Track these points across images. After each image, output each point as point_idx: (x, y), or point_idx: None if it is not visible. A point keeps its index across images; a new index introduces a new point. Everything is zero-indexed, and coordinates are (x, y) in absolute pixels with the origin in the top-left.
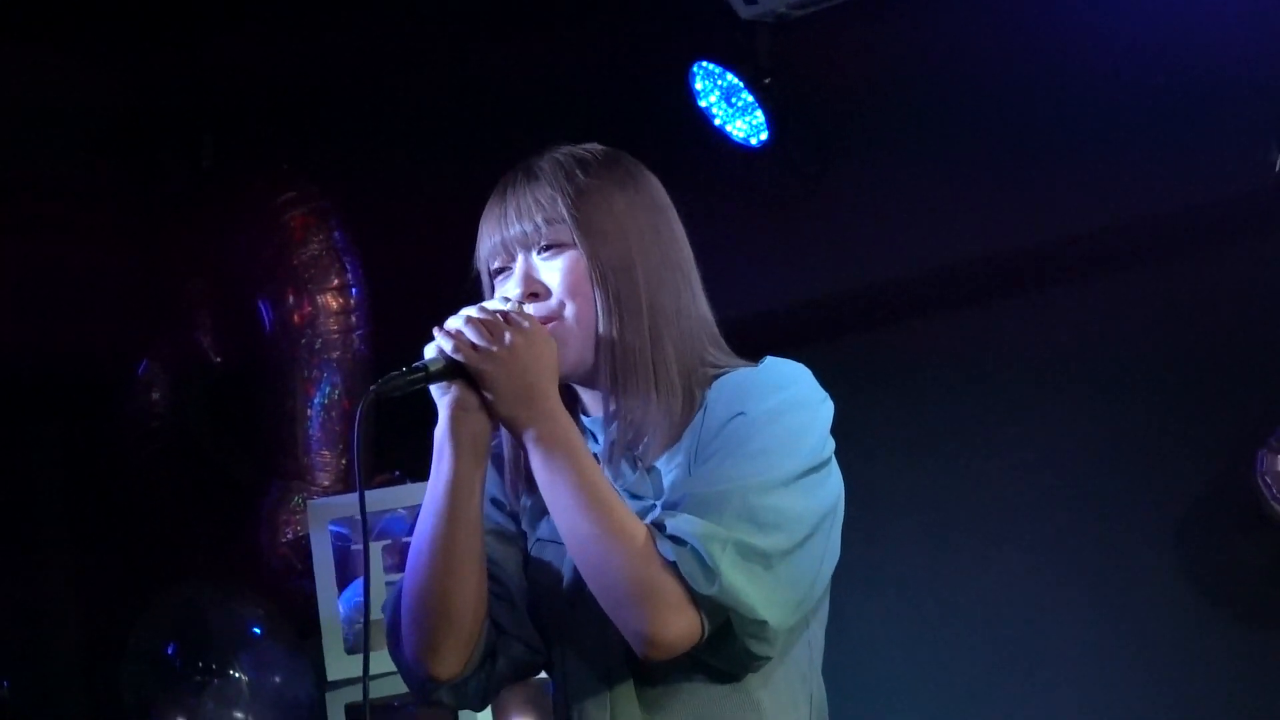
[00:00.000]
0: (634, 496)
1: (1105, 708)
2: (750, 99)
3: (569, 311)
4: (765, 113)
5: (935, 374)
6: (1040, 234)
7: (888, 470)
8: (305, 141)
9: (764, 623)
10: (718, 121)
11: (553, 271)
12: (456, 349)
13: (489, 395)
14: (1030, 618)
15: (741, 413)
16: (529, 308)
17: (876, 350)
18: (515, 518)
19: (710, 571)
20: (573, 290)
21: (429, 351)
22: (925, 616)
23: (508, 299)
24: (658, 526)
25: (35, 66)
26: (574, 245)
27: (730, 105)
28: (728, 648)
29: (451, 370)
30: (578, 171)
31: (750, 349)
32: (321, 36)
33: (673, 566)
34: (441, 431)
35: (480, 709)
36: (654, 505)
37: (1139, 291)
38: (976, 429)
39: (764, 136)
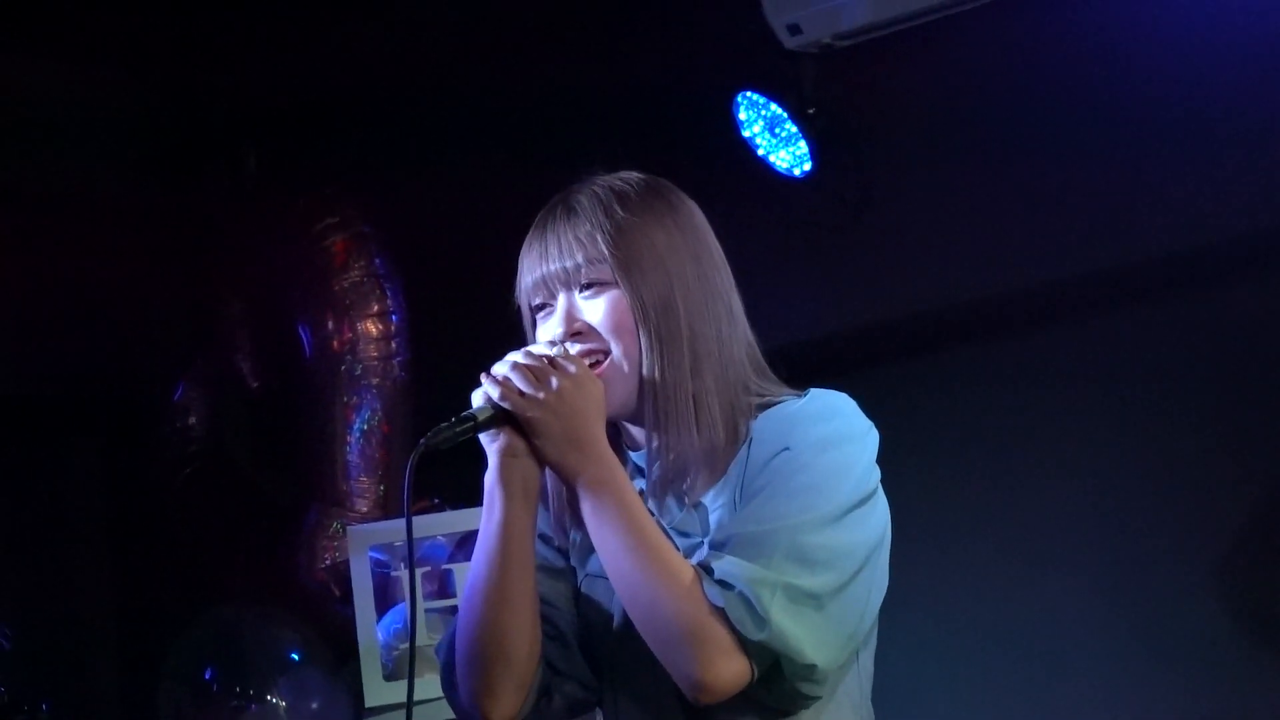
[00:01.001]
0: (681, 534)
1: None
2: (794, 130)
3: (615, 352)
4: (809, 144)
5: (978, 403)
6: (1081, 264)
7: (930, 498)
8: (349, 167)
9: (813, 666)
10: (761, 152)
11: (595, 311)
12: (504, 397)
13: (537, 441)
14: (1071, 646)
15: (787, 448)
16: (573, 348)
17: (918, 379)
18: (564, 553)
19: (759, 617)
20: (617, 330)
21: (476, 399)
22: (968, 643)
23: (553, 343)
24: (705, 569)
25: (78, 84)
26: (615, 284)
27: (774, 136)
28: (778, 688)
29: (499, 418)
30: (617, 207)
31: (794, 378)
32: (367, 61)
33: (721, 611)
34: (491, 477)
35: None
36: (701, 543)
37: (1180, 319)
38: (1018, 457)
39: (807, 167)
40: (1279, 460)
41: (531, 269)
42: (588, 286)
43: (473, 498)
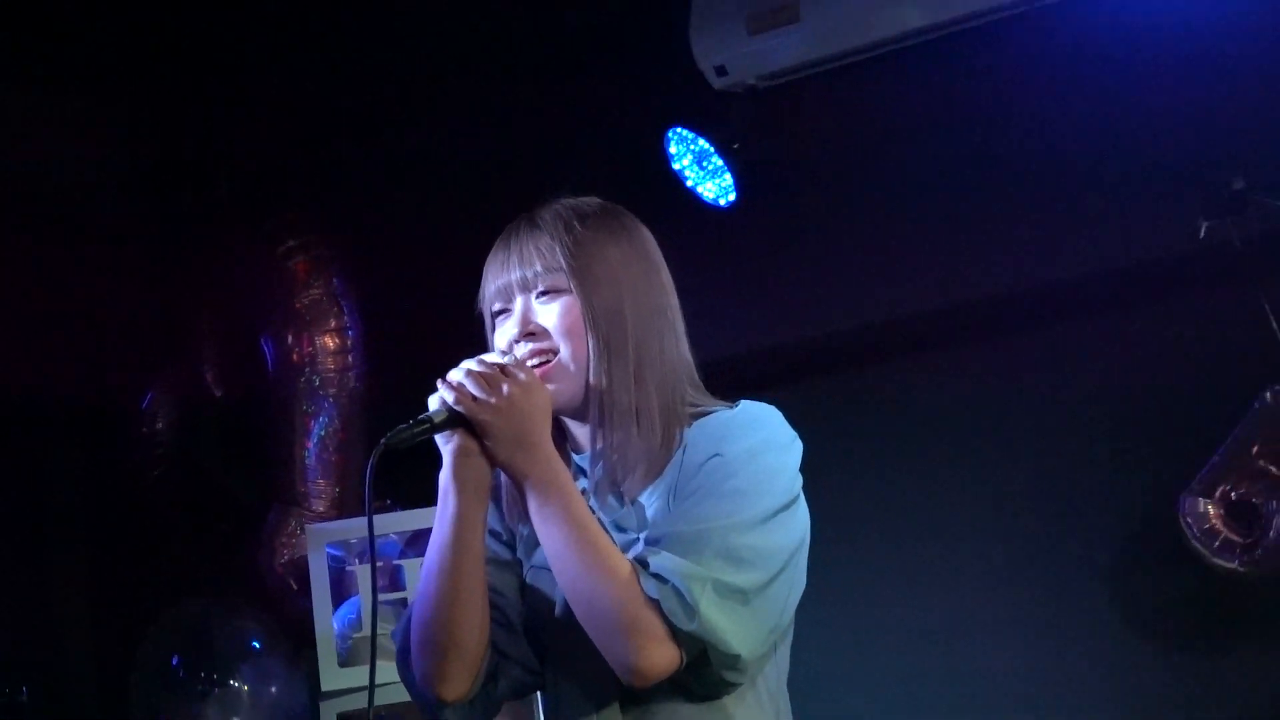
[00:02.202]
0: (619, 529)
1: (1046, 712)
2: (720, 163)
3: (564, 352)
4: (733, 176)
5: (890, 416)
6: (983, 291)
7: (848, 504)
8: (311, 196)
9: (738, 656)
10: (690, 183)
11: (549, 314)
12: (458, 401)
13: (489, 442)
14: (976, 640)
15: (718, 454)
16: (524, 347)
17: (836, 392)
18: (512, 546)
19: (690, 609)
20: (567, 332)
21: (433, 403)
22: (881, 637)
23: (504, 351)
24: (641, 563)
25: (64, 115)
26: (570, 291)
27: (702, 168)
28: (705, 675)
29: (454, 420)
30: (576, 223)
31: (720, 391)
32: (330, 99)
33: (655, 603)
34: (446, 475)
35: None
36: (637, 538)
37: (1079, 347)
38: (928, 468)
39: (732, 198)
40: (1164, 477)
41: (495, 276)
42: (544, 293)
43: (422, 499)
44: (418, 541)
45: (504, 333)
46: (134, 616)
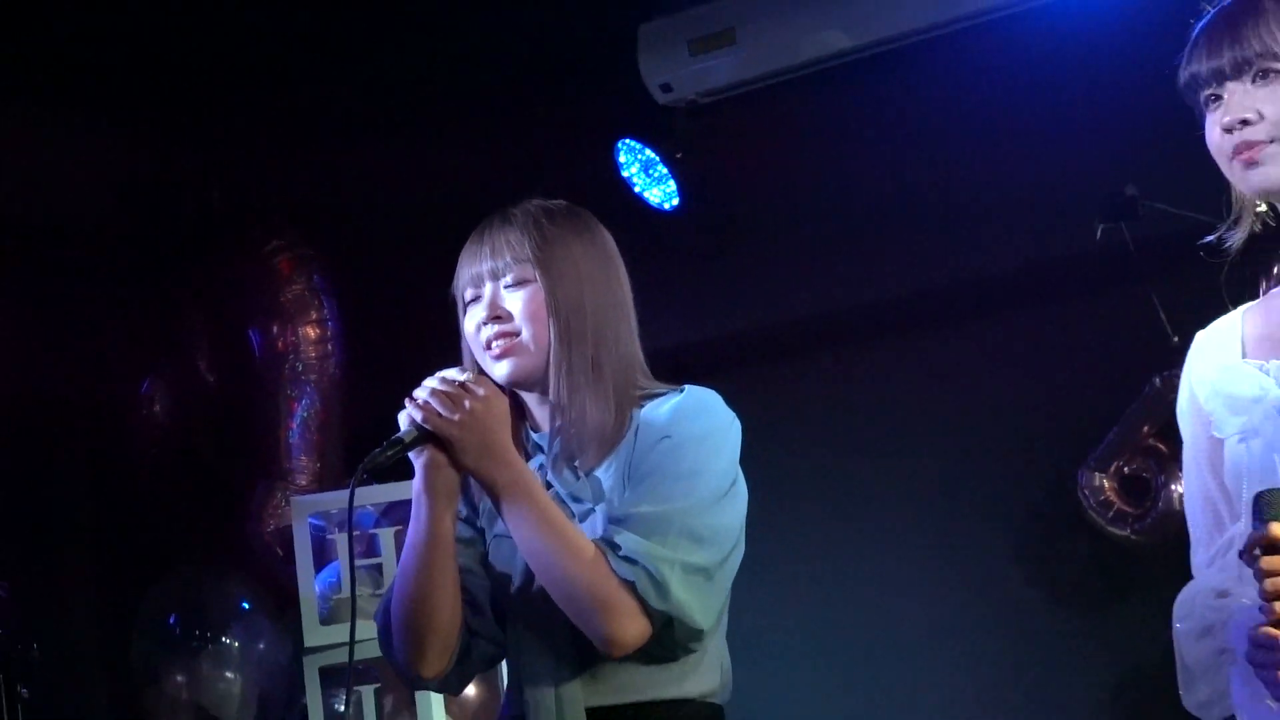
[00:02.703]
0: (575, 499)
1: (958, 669)
2: (664, 171)
3: (525, 334)
4: (676, 183)
5: (817, 401)
6: (902, 289)
7: (780, 482)
8: (293, 200)
9: (702, 629)
10: (637, 189)
11: (515, 301)
12: (426, 419)
13: (456, 453)
14: (894, 601)
15: (668, 435)
16: (490, 329)
17: (768, 379)
18: (474, 521)
19: (662, 588)
20: (531, 318)
21: (402, 421)
22: (812, 597)
23: (464, 369)
24: (610, 545)
25: (67, 132)
26: (535, 281)
27: (648, 176)
28: (669, 642)
29: (423, 437)
30: (544, 220)
31: (664, 376)
32: (311, 117)
33: (629, 584)
34: (418, 485)
35: (459, 693)
36: (592, 508)
37: (991, 338)
38: (851, 449)
39: (675, 202)
40: (1064, 454)
41: (468, 265)
42: (513, 283)
43: (395, 474)
44: (391, 512)
45: (473, 317)
46: (135, 580)
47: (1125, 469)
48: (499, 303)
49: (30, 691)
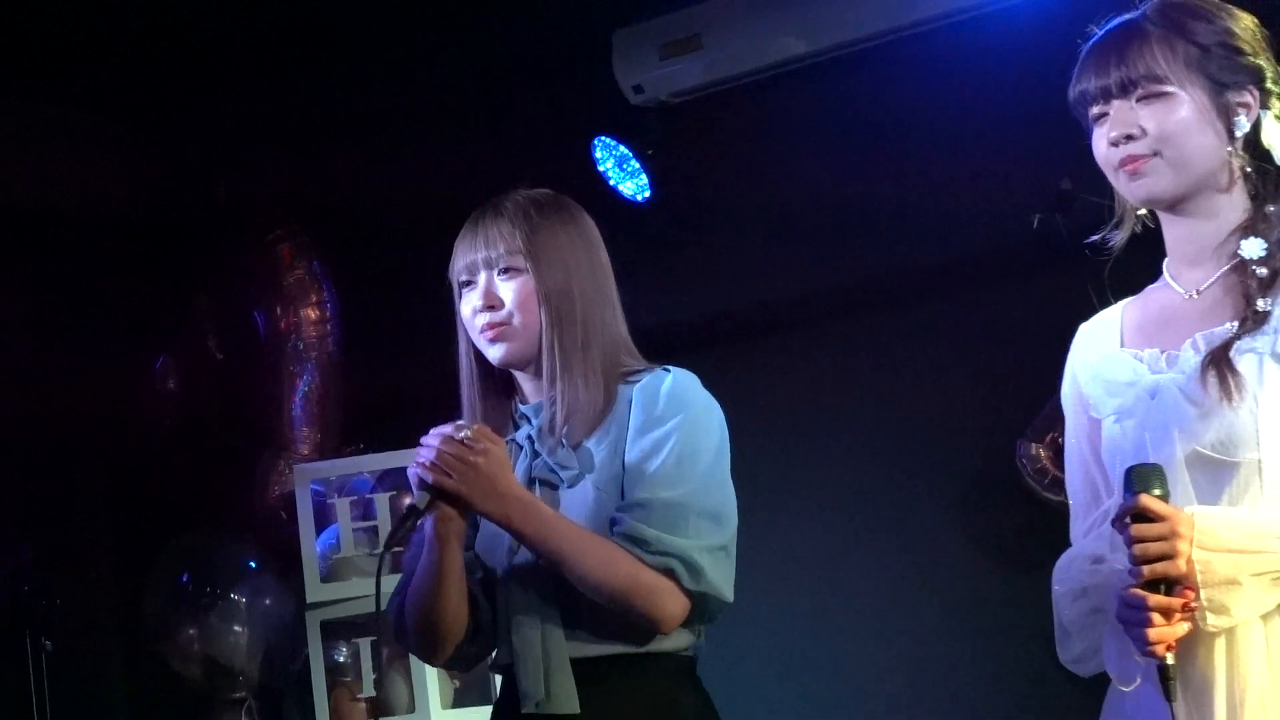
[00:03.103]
0: (562, 467)
1: (903, 626)
2: (637, 166)
3: (517, 320)
4: (648, 177)
5: (776, 377)
6: (857, 274)
7: (737, 455)
8: (293, 193)
9: (730, 601)
10: (612, 182)
11: (508, 290)
12: (437, 483)
13: (469, 503)
14: (846, 561)
15: (666, 421)
16: (484, 317)
17: (730, 357)
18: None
19: (696, 573)
20: (521, 305)
21: (412, 480)
22: (767, 562)
23: (459, 426)
24: (637, 541)
25: (89, 132)
26: (526, 270)
27: (622, 170)
28: (704, 616)
29: (434, 500)
30: (533, 212)
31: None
32: (309, 114)
33: (666, 571)
34: (430, 532)
35: (466, 671)
36: (579, 474)
37: (938, 321)
38: (807, 422)
39: (647, 194)
40: (1005, 426)
41: (463, 254)
42: (505, 271)
43: (390, 443)
44: (385, 479)
45: (468, 301)
46: (149, 541)
47: (1059, 439)
48: (492, 290)
49: (53, 643)
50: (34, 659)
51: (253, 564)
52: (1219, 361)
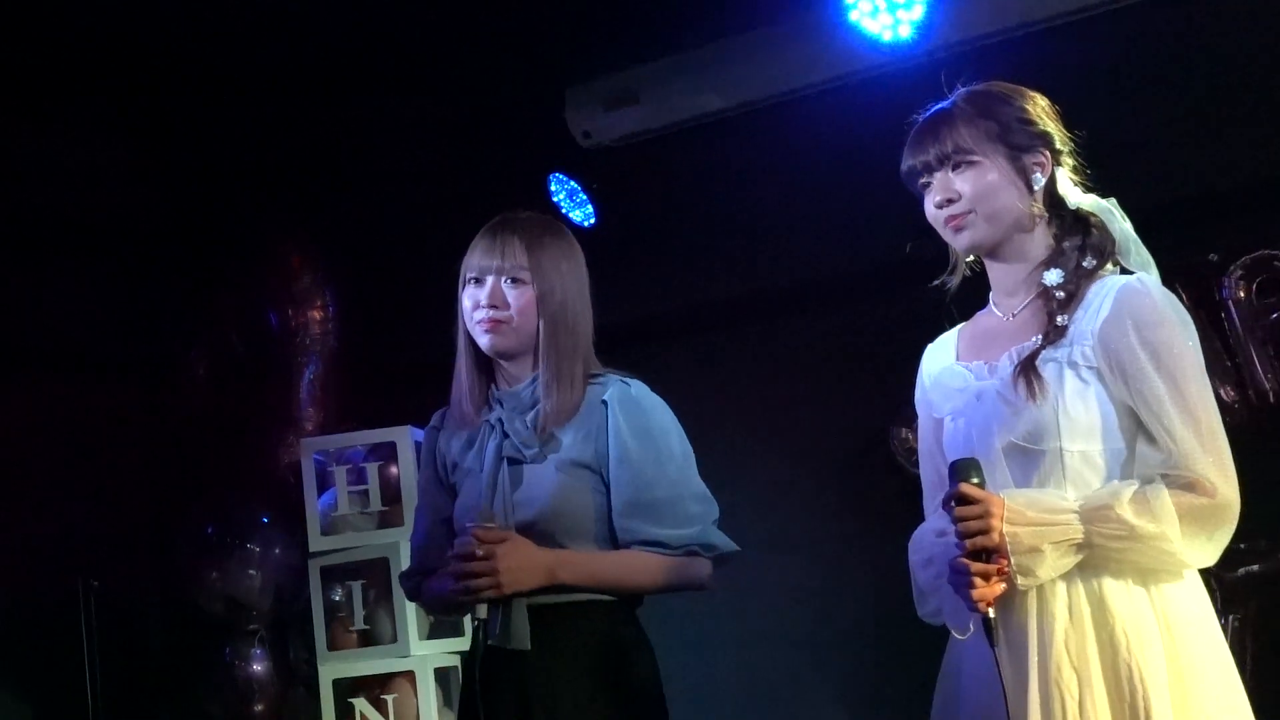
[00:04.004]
0: (526, 446)
1: (797, 581)
2: (584, 197)
3: (516, 321)
4: (593, 206)
5: (696, 375)
6: (762, 290)
7: None
8: (302, 214)
9: (738, 550)
10: (564, 210)
11: (513, 295)
12: (488, 589)
13: (518, 591)
14: (754, 526)
15: (643, 427)
16: (484, 312)
17: (658, 360)
18: (447, 472)
19: (710, 547)
20: (522, 310)
21: (480, 611)
22: None
23: (468, 525)
24: (659, 545)
25: (129, 157)
26: (529, 284)
27: (572, 201)
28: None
29: (494, 603)
30: (543, 235)
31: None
32: (312, 146)
33: (698, 554)
34: None
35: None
36: (541, 454)
37: (828, 327)
38: (727, 411)
39: (592, 221)
40: (881, 414)
41: (480, 258)
42: (513, 280)
43: (377, 423)
44: (377, 450)
45: (472, 294)
46: (181, 499)
47: None
48: (499, 293)
49: (99, 583)
50: (84, 597)
51: (265, 519)
52: (1027, 369)
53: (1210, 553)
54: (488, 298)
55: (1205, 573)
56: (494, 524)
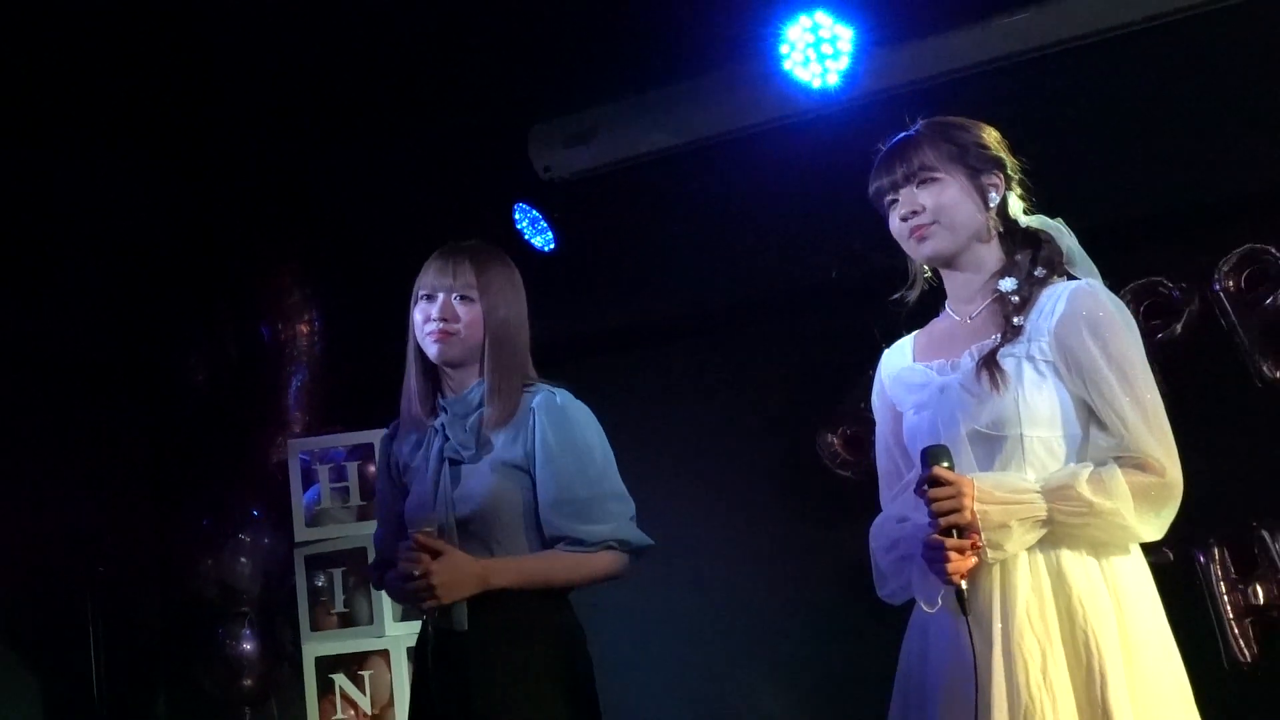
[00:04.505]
0: (464, 447)
1: (732, 571)
2: (545, 225)
3: (464, 334)
4: (553, 233)
5: (643, 385)
6: (707, 308)
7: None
8: (292, 238)
9: (650, 543)
10: (527, 236)
11: (463, 311)
12: (430, 603)
13: (460, 597)
14: (692, 521)
15: (570, 433)
16: (435, 325)
17: (610, 371)
18: (399, 478)
19: (626, 543)
20: (470, 325)
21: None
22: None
23: (408, 546)
24: (578, 542)
25: (141, 195)
26: (477, 301)
27: (534, 228)
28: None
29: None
30: (489, 260)
31: (539, 368)
32: (309, 179)
33: (614, 549)
34: None
35: None
36: (477, 455)
37: (763, 342)
38: (670, 417)
39: (552, 246)
40: (811, 421)
41: (433, 276)
42: (462, 298)
43: (357, 426)
44: (356, 451)
45: (423, 309)
46: (180, 494)
47: (847, 431)
48: (451, 307)
49: (104, 569)
50: (90, 581)
51: (256, 512)
52: (989, 362)
53: (1158, 527)
54: (439, 311)
55: None
56: (433, 528)
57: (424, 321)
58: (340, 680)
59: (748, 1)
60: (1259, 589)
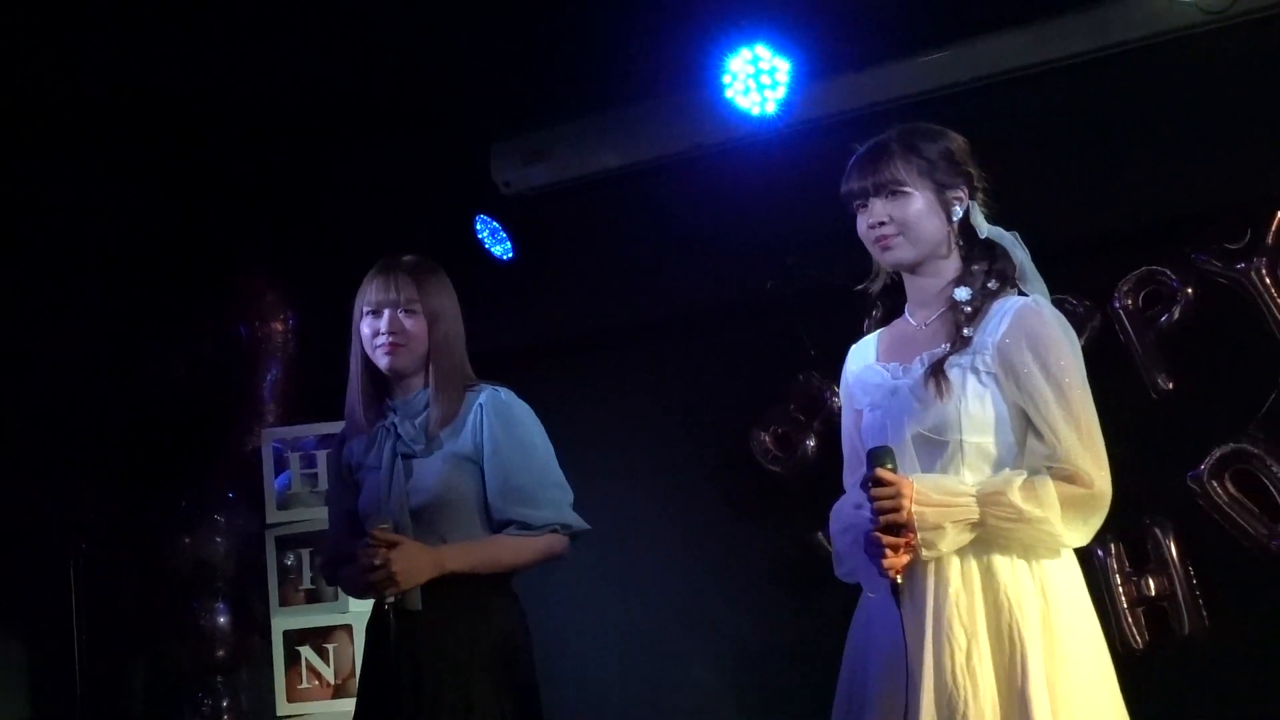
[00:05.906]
0: (414, 442)
1: (673, 560)
2: (504, 235)
3: (411, 345)
4: (511, 243)
5: (595, 384)
6: (649, 316)
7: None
8: (267, 244)
9: (587, 528)
10: (487, 245)
11: (407, 323)
12: (394, 593)
13: (417, 583)
14: (636, 515)
15: (512, 426)
16: (385, 337)
17: (559, 374)
18: (349, 476)
19: (568, 526)
20: (415, 336)
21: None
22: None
23: (366, 541)
24: (525, 526)
25: (128, 205)
26: (419, 313)
27: (494, 238)
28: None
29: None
30: (426, 274)
31: (494, 370)
32: (284, 189)
33: (557, 532)
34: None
35: None
36: (430, 450)
37: (703, 351)
38: (612, 417)
39: (510, 255)
40: (748, 422)
41: (375, 292)
42: (406, 310)
43: (325, 417)
44: (324, 440)
45: (370, 324)
46: (160, 479)
47: (779, 430)
48: (397, 320)
49: (87, 546)
50: (74, 558)
51: (230, 495)
52: (936, 371)
53: (1085, 534)
54: (387, 325)
55: None
56: (389, 524)
57: (373, 335)
58: (306, 652)
59: (694, 34)
60: (1150, 581)
